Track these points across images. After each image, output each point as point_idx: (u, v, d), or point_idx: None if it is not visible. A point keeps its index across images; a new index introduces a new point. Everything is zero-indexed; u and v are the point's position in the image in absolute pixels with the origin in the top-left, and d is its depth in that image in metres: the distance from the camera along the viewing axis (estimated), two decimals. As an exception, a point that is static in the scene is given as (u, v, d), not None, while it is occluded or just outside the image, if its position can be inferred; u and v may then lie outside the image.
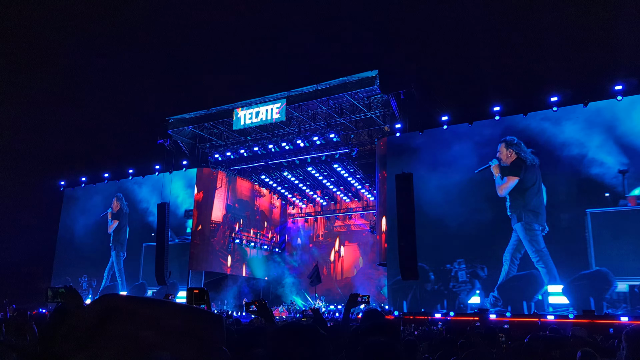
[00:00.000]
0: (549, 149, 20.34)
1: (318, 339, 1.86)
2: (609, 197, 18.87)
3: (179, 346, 1.13)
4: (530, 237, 19.98)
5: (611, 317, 16.66)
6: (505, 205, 20.81)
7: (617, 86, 19.22)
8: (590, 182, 19.24)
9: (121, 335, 1.15)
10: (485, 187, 21.26)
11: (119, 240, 30.78)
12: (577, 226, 19.17)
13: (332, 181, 31.85)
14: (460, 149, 22.13)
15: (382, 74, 23.40)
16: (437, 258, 21.75)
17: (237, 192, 31.98)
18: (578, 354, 3.97)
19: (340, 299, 28.55)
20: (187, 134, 29.82)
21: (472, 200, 21.52)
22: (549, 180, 20.16)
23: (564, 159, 19.98)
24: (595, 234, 18.77)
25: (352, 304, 5.18)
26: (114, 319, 1.16)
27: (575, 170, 19.70)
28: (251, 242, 32.60)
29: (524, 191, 20.55)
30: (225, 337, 1.21)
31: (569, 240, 19.19)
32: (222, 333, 1.18)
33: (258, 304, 4.24)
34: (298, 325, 1.94)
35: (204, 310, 1.21)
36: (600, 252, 18.58)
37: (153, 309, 1.16)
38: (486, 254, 20.87)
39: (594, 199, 19.08)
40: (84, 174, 33.19)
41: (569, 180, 19.76)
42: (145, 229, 29.41)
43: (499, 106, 21.37)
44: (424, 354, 7.21)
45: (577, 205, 19.34)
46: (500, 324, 15.76)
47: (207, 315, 1.19)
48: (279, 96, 25.59)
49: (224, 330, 1.18)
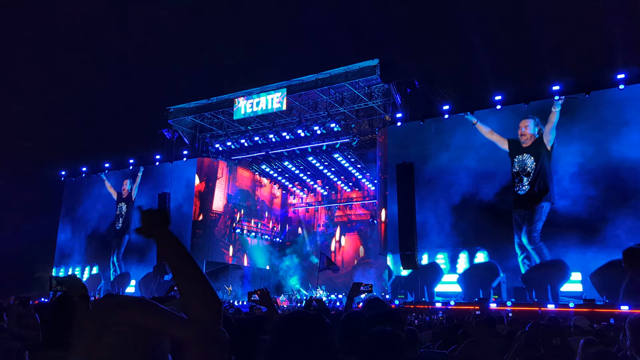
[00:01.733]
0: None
1: (324, 327, 1.86)
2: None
3: (177, 329, 1.16)
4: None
5: (611, 306, 16.71)
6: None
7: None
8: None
9: (122, 322, 1.17)
10: (489, 176, 21.30)
11: (123, 230, 30.87)
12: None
13: (332, 171, 31.81)
14: (461, 138, 22.09)
15: (383, 63, 23.30)
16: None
17: (237, 182, 31.98)
18: (581, 342, 3.98)
19: (340, 288, 28.62)
20: (187, 124, 29.76)
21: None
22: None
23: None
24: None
25: (355, 293, 5.20)
26: (116, 310, 1.19)
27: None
28: (252, 232, 32.65)
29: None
30: (224, 321, 1.25)
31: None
32: (219, 312, 1.23)
33: (260, 293, 4.25)
34: (304, 314, 1.93)
35: (202, 292, 1.23)
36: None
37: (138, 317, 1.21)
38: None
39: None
40: (85, 163, 33.22)
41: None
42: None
43: (501, 95, 21.29)
44: (425, 343, 7.23)
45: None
46: (501, 313, 15.79)
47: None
48: (280, 85, 25.50)
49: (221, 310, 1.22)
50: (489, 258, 20.67)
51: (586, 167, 19.33)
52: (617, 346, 5.16)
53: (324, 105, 25.83)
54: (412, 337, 5.14)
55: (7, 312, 5.91)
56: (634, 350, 3.22)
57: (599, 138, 19.22)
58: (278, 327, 1.87)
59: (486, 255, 20.74)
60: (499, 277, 20.15)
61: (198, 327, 1.17)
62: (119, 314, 1.18)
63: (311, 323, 1.84)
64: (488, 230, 20.66)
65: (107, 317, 1.18)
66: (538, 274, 19.36)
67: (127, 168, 31.56)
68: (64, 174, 34.39)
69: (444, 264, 21.60)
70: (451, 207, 21.69)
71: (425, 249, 21.73)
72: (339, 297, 26.64)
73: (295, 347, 1.78)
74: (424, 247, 21.64)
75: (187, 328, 1.18)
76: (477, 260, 20.92)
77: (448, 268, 21.52)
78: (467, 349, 5.44)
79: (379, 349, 2.19)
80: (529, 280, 19.52)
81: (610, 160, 18.88)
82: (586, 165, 19.33)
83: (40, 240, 32.11)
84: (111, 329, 1.15)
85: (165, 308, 1.25)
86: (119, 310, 1.19)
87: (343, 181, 32.80)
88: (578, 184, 19.40)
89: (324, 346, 1.81)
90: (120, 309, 1.19)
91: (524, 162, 20.57)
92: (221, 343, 1.24)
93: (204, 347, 1.16)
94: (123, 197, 31.25)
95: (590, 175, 19.19)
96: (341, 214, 34.63)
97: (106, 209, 31.76)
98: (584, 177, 19.29)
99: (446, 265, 21.57)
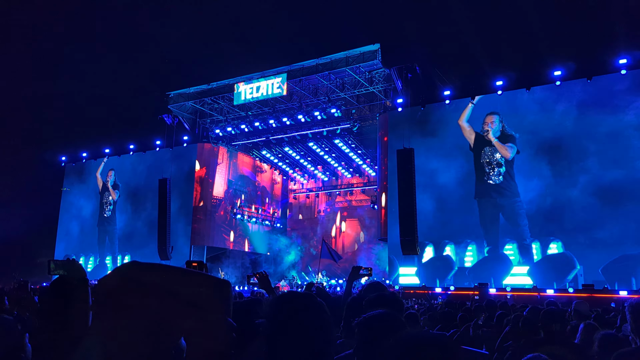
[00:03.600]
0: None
1: (315, 305, 1.86)
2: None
3: (185, 319, 1.14)
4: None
5: (611, 292, 16.79)
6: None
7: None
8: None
9: (130, 306, 1.15)
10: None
11: (114, 216, 31.19)
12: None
13: (333, 156, 31.79)
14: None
15: (384, 48, 23.14)
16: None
17: (238, 168, 31.97)
18: (580, 326, 3.98)
19: (341, 273, 28.74)
20: (187, 109, 29.66)
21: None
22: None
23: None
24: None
25: (355, 277, 5.21)
26: (125, 290, 1.17)
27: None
28: (253, 218, 32.72)
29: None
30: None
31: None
32: (229, 301, 1.17)
33: (259, 277, 4.26)
34: (295, 293, 1.94)
35: (211, 278, 1.21)
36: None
37: (164, 278, 1.17)
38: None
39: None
40: (85, 149, 33.18)
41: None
42: (143, 204, 29.58)
43: (502, 80, 21.19)
44: (424, 327, 7.27)
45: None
46: (500, 298, 15.86)
47: (214, 282, 1.19)
48: (280, 70, 25.35)
49: (231, 297, 1.18)
50: (563, 249, 19.54)
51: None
52: (615, 329, 5.17)
53: (324, 91, 25.71)
54: (413, 321, 5.16)
55: (8, 296, 5.94)
56: (634, 334, 3.22)
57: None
58: (270, 306, 1.88)
59: (560, 246, 19.63)
60: (575, 270, 19.08)
61: (209, 318, 1.14)
62: (126, 297, 1.14)
63: (302, 302, 1.85)
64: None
65: (113, 299, 1.14)
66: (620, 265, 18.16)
67: (127, 153, 31.62)
68: (65, 159, 34.41)
69: (512, 255, 20.56)
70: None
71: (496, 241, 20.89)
72: (339, 282, 26.79)
73: (291, 326, 1.78)
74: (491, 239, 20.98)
75: (197, 319, 1.13)
76: (550, 252, 19.82)
77: (517, 259, 20.39)
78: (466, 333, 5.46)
79: (373, 331, 2.18)
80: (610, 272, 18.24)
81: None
82: None
83: (41, 225, 32.19)
84: (115, 313, 1.12)
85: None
86: (126, 293, 1.15)
87: (343, 167, 32.79)
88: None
89: (318, 325, 1.81)
90: (127, 291, 1.15)
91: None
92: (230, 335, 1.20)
93: (212, 340, 1.14)
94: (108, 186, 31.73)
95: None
96: (342, 200, 34.67)
97: (104, 197, 32.06)
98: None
99: (515, 256, 20.45)
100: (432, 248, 22.02)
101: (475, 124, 21.83)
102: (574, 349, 3.87)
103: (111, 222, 31.16)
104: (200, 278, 1.18)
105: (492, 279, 19.69)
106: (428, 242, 21.90)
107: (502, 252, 20.71)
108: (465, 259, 21.39)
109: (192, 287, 1.13)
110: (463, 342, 5.33)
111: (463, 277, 20.81)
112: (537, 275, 19.58)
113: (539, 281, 19.16)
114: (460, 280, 20.79)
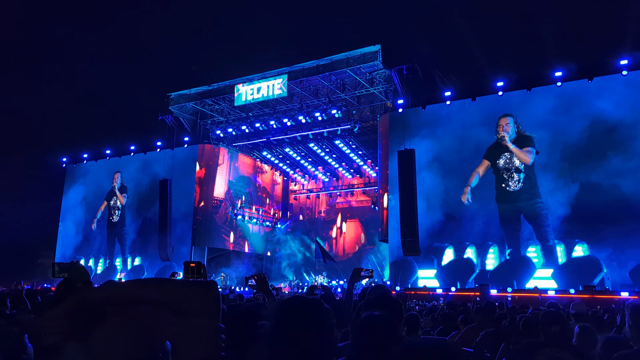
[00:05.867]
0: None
1: (321, 311, 1.85)
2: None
3: (169, 326, 1.13)
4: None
5: (611, 293, 16.75)
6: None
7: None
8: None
9: (119, 316, 1.14)
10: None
11: (123, 219, 30.95)
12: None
13: (333, 157, 31.76)
14: (462, 125, 22.01)
15: (385, 48, 23.13)
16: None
17: (238, 169, 31.96)
18: (576, 329, 3.98)
19: (342, 274, 28.71)
20: (188, 110, 29.67)
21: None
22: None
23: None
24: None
25: (356, 278, 5.21)
26: (114, 303, 1.16)
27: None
28: (253, 219, 32.70)
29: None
30: (221, 306, 1.20)
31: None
32: (216, 303, 1.14)
33: (257, 278, 4.26)
34: (301, 298, 1.93)
35: (196, 283, 1.20)
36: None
37: (150, 292, 1.16)
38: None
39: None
40: (86, 150, 33.18)
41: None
42: (144, 206, 29.53)
43: (503, 81, 21.17)
44: (425, 328, 7.27)
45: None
46: (502, 299, 15.84)
47: (199, 289, 1.18)
48: (280, 72, 25.36)
49: (219, 298, 1.16)
50: (589, 251, 18.80)
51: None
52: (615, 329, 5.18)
53: (325, 92, 25.71)
54: (414, 323, 5.15)
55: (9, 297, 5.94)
56: (633, 335, 3.22)
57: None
58: (276, 311, 1.86)
59: (586, 249, 18.89)
60: (601, 273, 18.29)
61: (198, 326, 1.13)
62: (115, 309, 1.15)
63: (309, 307, 1.84)
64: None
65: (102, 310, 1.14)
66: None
67: (128, 154, 31.54)
68: (65, 161, 34.40)
69: (535, 257, 19.85)
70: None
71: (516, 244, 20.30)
72: (340, 284, 26.75)
73: (296, 331, 1.78)
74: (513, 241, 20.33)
75: (185, 327, 1.13)
76: (575, 254, 19.08)
77: (541, 262, 19.67)
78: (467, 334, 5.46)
79: (367, 334, 2.18)
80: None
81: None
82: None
83: (43, 227, 32.19)
84: (106, 323, 1.13)
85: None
86: (114, 305, 1.15)
87: (344, 168, 32.75)
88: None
89: (324, 331, 1.80)
90: (116, 304, 1.16)
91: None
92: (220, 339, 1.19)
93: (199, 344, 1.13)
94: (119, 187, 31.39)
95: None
96: (342, 201, 34.63)
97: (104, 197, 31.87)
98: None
99: (539, 259, 19.75)
100: (452, 250, 21.29)
101: (489, 126, 21.29)
102: (574, 351, 3.87)
103: (120, 225, 30.89)
104: (180, 283, 1.17)
105: (514, 282, 19.01)
106: (448, 245, 21.31)
107: (524, 254, 19.97)
108: (487, 261, 20.68)
109: (172, 294, 1.12)
110: (464, 344, 5.33)
111: (484, 280, 19.55)
112: (561, 279, 18.77)
113: (563, 284, 18.41)
114: (482, 283, 20.05)
